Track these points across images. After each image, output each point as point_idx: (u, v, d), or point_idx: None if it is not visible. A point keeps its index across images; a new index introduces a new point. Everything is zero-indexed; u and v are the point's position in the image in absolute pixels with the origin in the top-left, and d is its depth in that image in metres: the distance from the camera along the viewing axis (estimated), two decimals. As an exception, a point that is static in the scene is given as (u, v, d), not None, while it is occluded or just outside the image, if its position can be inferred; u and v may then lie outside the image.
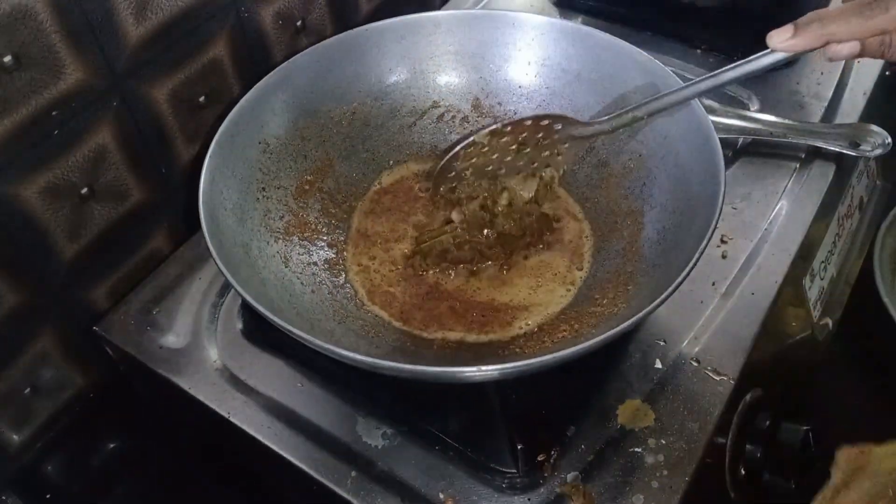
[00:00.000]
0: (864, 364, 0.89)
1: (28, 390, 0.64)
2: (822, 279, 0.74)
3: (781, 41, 0.52)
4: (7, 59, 0.52)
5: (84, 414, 0.69)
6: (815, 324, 0.74)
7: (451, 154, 0.67)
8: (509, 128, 0.66)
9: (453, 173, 0.68)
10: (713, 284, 0.64)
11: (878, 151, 0.72)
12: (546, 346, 0.58)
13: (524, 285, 0.64)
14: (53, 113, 0.57)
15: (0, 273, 0.58)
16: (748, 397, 0.61)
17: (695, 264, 0.50)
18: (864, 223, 0.86)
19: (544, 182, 0.69)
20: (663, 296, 0.48)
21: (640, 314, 0.48)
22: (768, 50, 0.53)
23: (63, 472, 0.70)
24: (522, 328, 0.61)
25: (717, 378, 0.58)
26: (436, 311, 0.62)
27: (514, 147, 0.67)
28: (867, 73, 0.82)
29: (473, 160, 0.67)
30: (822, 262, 0.73)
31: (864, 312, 0.85)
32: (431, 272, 0.65)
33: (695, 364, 0.59)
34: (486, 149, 0.67)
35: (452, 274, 0.64)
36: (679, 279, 0.49)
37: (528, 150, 0.67)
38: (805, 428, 0.61)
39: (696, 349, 0.60)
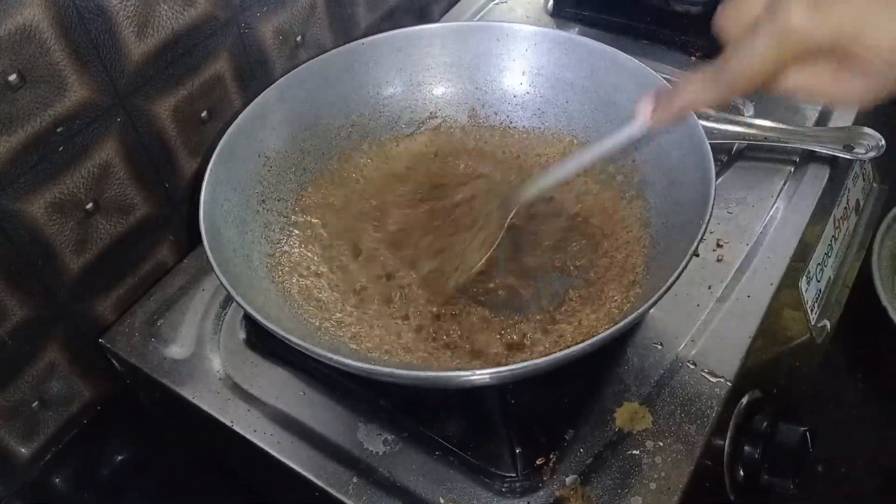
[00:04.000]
0: (863, 366, 0.89)
1: (36, 403, 0.64)
2: (818, 281, 0.74)
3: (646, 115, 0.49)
4: (12, 77, 0.53)
5: (91, 426, 0.70)
6: (813, 326, 0.74)
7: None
8: None
9: None
10: (709, 288, 0.64)
11: (872, 154, 0.72)
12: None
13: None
14: (58, 129, 0.58)
15: (8, 287, 0.59)
16: (746, 399, 0.61)
17: (684, 268, 0.51)
18: (862, 225, 0.86)
19: None
20: (653, 299, 0.49)
21: (629, 318, 0.49)
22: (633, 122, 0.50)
23: (71, 484, 0.70)
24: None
25: (714, 380, 0.59)
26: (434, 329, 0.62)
27: None
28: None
29: None
30: (819, 264, 0.74)
31: (862, 314, 0.85)
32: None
33: (691, 367, 0.60)
34: None
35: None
36: (668, 283, 0.50)
37: None
38: (803, 429, 0.61)
39: (693, 352, 0.61)
